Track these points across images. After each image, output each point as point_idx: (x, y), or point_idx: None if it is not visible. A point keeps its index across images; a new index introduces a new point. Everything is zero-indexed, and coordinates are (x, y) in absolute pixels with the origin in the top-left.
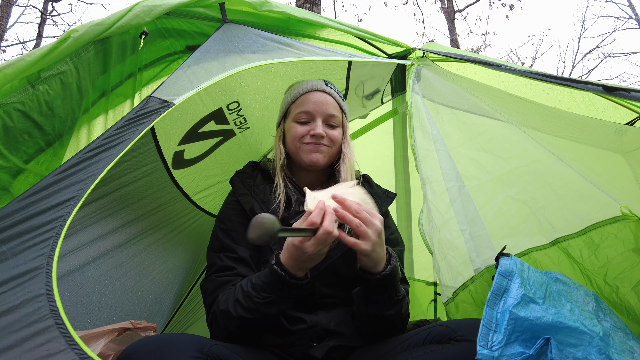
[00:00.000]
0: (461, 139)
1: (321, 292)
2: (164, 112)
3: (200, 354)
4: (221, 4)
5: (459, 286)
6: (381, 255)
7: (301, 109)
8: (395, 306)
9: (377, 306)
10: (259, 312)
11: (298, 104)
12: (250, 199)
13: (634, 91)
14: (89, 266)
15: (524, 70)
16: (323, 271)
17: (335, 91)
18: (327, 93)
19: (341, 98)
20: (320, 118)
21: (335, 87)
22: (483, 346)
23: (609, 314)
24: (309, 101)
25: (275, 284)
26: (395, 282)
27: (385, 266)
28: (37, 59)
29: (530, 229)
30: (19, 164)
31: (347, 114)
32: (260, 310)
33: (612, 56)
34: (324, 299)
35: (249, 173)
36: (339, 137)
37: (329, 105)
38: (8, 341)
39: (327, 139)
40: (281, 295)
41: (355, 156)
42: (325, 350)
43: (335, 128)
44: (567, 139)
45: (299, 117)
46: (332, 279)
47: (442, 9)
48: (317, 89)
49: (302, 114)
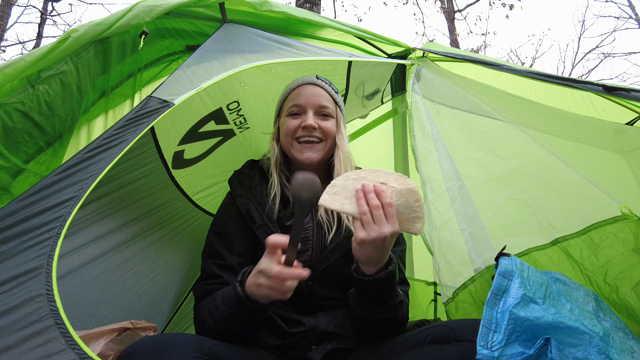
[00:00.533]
0: (461, 138)
1: (319, 294)
2: (164, 112)
3: (200, 354)
4: (221, 4)
5: (459, 286)
6: (377, 258)
7: (292, 103)
8: (391, 310)
9: (371, 309)
10: (225, 327)
11: (290, 99)
12: (247, 200)
13: (634, 91)
14: (89, 266)
15: (523, 70)
16: (322, 273)
17: (327, 84)
18: (318, 86)
19: (334, 90)
20: (311, 110)
21: (329, 81)
22: (483, 346)
23: (609, 314)
24: (300, 94)
25: (234, 304)
26: (391, 288)
27: (380, 270)
28: (37, 59)
29: (530, 228)
30: (19, 164)
31: (342, 106)
32: (225, 326)
33: (612, 56)
34: (322, 301)
35: (247, 173)
36: (332, 128)
37: (320, 96)
38: (8, 341)
39: (320, 131)
40: (242, 316)
41: (349, 148)
42: (323, 354)
43: (328, 119)
44: (567, 138)
45: (291, 111)
46: (331, 280)
47: (442, 9)
48: (307, 83)
49: (293, 107)
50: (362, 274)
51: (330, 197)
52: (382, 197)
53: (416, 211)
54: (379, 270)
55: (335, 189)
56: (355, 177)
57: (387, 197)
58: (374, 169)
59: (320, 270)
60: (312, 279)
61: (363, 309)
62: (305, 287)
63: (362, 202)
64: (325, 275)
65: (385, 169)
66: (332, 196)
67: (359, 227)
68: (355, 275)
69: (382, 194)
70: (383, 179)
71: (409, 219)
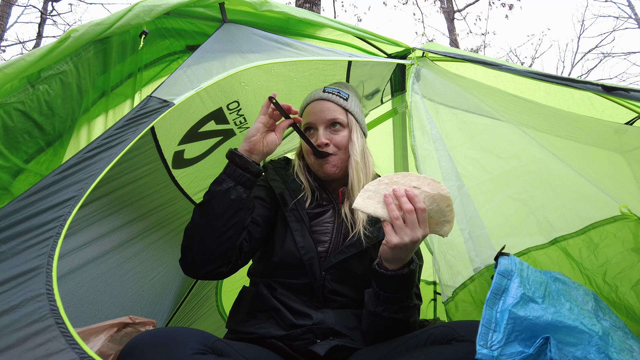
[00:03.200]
0: (461, 138)
1: (331, 288)
2: (164, 111)
3: (204, 347)
4: (221, 4)
5: (459, 285)
6: (403, 258)
7: (305, 122)
8: (404, 312)
9: (386, 306)
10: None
11: (303, 117)
12: (282, 185)
13: (633, 91)
14: (89, 266)
15: (523, 70)
16: (337, 266)
17: (335, 94)
18: (325, 100)
19: (343, 99)
20: (321, 126)
21: (339, 89)
22: (482, 345)
23: (608, 313)
24: (309, 113)
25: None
26: (410, 286)
27: (403, 267)
28: (37, 59)
29: (529, 228)
30: (19, 163)
31: (355, 111)
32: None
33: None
34: (333, 295)
35: (283, 164)
36: (344, 141)
37: (328, 111)
38: (8, 340)
39: (333, 146)
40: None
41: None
42: (327, 348)
43: (340, 132)
44: (566, 138)
45: (306, 131)
46: (344, 276)
47: (442, 9)
48: (315, 99)
49: (306, 126)
50: (384, 268)
51: (363, 200)
52: (415, 202)
53: (446, 215)
54: (402, 267)
55: (368, 193)
56: (387, 182)
57: (420, 201)
58: (406, 173)
59: (335, 262)
60: (325, 270)
61: (377, 306)
62: (319, 276)
63: (392, 207)
64: (339, 270)
65: (384, 169)
66: (365, 200)
67: (390, 232)
68: (378, 269)
69: (414, 198)
70: (415, 183)
71: (438, 222)
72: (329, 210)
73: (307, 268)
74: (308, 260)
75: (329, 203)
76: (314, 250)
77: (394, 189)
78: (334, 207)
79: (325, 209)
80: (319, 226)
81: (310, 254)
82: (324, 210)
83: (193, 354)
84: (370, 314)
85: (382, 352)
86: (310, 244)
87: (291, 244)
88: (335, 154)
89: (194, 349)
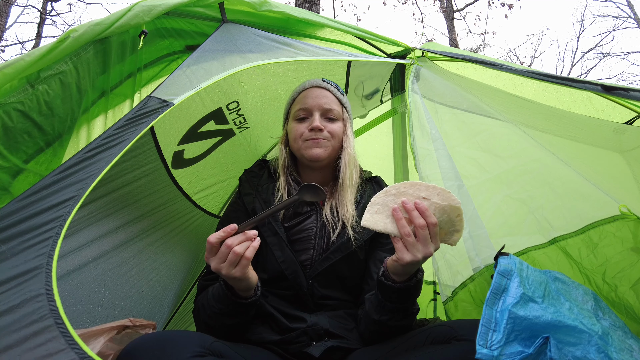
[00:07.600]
0: (460, 138)
1: (320, 294)
2: (163, 111)
3: (203, 349)
4: (220, 4)
5: (458, 285)
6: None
7: (299, 107)
8: (408, 318)
9: (391, 315)
10: (218, 321)
11: (296, 102)
12: (253, 198)
13: (633, 90)
14: (89, 266)
15: (523, 69)
16: (323, 273)
17: (333, 86)
18: (323, 88)
19: (340, 92)
20: (317, 112)
21: (335, 82)
22: (482, 345)
23: (608, 313)
24: (306, 97)
25: (223, 300)
26: (416, 295)
27: (410, 278)
28: (36, 59)
29: (528, 228)
30: (18, 164)
31: (349, 108)
32: (218, 320)
33: (611, 55)
34: (323, 300)
35: (256, 172)
36: (338, 130)
37: (326, 99)
38: (8, 341)
39: (326, 133)
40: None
41: (354, 151)
42: (322, 350)
43: (335, 122)
44: (566, 138)
45: (298, 115)
46: (332, 280)
47: (441, 9)
48: (313, 86)
49: (300, 111)
50: (392, 280)
51: (372, 216)
52: (427, 216)
53: (456, 225)
54: (409, 279)
55: (375, 207)
56: (395, 193)
57: (432, 215)
58: (414, 182)
59: (321, 270)
60: (312, 278)
61: (382, 315)
62: (306, 286)
63: (402, 222)
64: (326, 275)
65: (384, 169)
66: (373, 215)
67: (402, 249)
68: (385, 281)
69: (426, 212)
70: (424, 193)
71: (447, 232)
72: (311, 216)
73: (292, 281)
74: (291, 273)
75: (312, 207)
76: (295, 262)
77: (403, 202)
78: (317, 211)
79: (306, 215)
80: (300, 234)
81: (293, 267)
82: (304, 218)
83: (191, 356)
84: (373, 322)
85: (381, 352)
86: (290, 257)
87: (272, 260)
88: (328, 139)
89: (192, 352)
